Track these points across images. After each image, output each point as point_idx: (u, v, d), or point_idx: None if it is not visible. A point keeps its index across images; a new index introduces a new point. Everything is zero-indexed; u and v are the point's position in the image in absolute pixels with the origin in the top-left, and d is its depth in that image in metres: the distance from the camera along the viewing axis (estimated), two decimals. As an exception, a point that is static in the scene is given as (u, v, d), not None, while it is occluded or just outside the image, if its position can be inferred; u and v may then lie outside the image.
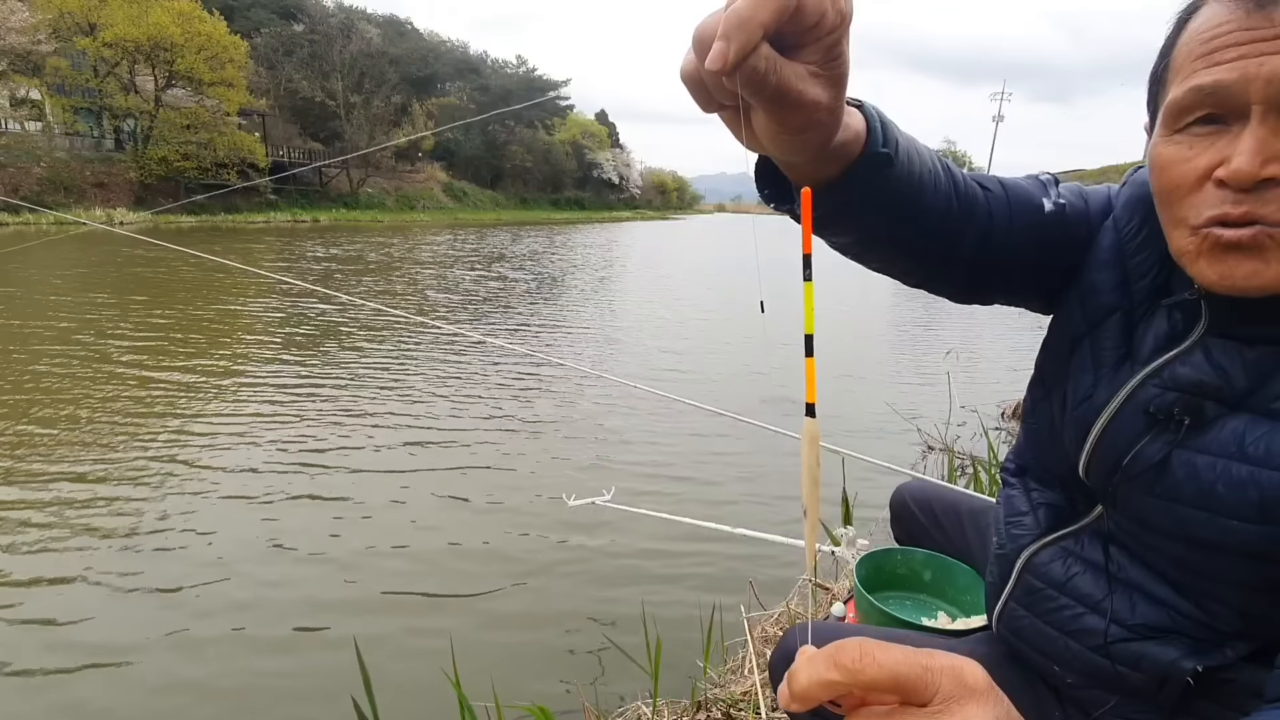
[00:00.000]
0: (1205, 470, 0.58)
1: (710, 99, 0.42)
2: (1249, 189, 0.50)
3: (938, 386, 5.12)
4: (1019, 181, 0.70)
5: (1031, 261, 0.70)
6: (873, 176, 0.54)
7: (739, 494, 3.35)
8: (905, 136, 0.57)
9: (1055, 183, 0.72)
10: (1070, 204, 0.70)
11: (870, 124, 0.53)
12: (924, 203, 0.60)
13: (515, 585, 2.51)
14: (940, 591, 1.22)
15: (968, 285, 0.71)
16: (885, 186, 0.55)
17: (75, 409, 4.18)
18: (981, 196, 0.66)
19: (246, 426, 4.03)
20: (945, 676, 0.33)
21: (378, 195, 38.23)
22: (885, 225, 0.60)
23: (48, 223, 19.46)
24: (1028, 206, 0.68)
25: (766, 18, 0.37)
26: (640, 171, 78.10)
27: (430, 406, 4.55)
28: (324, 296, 8.43)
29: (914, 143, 0.59)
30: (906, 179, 0.57)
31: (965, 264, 0.67)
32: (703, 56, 0.39)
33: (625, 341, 7.03)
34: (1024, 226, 0.68)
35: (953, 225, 0.64)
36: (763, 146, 0.48)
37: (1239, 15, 0.50)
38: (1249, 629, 0.61)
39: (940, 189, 0.62)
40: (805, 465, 0.37)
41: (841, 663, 0.32)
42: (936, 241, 0.64)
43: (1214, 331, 0.60)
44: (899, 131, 0.56)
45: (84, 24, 24.17)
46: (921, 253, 0.65)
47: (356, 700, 1.29)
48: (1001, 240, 0.67)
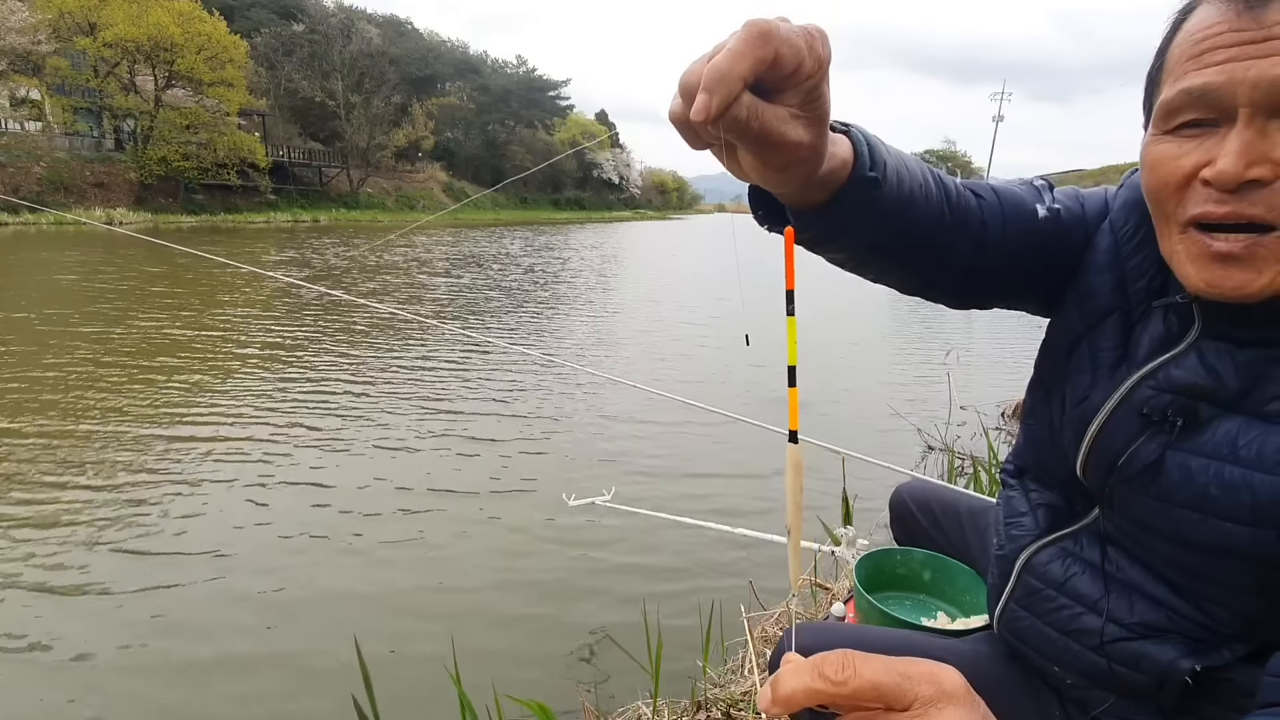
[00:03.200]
0: (1199, 472, 0.58)
1: (698, 139, 0.44)
2: (1233, 190, 0.51)
3: (938, 386, 5.12)
4: (1013, 188, 0.71)
5: (1027, 267, 0.71)
6: (861, 199, 0.55)
7: (739, 494, 3.35)
8: (894, 155, 0.58)
9: (1050, 188, 0.72)
10: (1066, 208, 0.71)
11: (857, 149, 0.53)
12: (915, 216, 0.61)
13: (516, 585, 2.51)
14: (940, 591, 1.22)
15: (964, 292, 0.72)
16: (874, 207, 0.56)
17: (68, 408, 4.18)
18: (975, 205, 0.67)
19: (245, 426, 4.03)
20: (923, 684, 0.34)
21: (378, 195, 38.26)
22: (877, 242, 0.61)
23: (48, 222, 19.48)
24: (1021, 213, 0.68)
25: (745, 71, 0.39)
26: (640, 171, 78.12)
27: (430, 406, 4.55)
28: (322, 295, 8.44)
29: (903, 159, 0.60)
30: (895, 198, 0.58)
31: (960, 272, 0.68)
32: (688, 104, 0.41)
33: (625, 341, 7.04)
34: (1018, 233, 0.68)
35: (946, 236, 0.64)
36: (751, 179, 0.50)
37: (1230, 17, 0.51)
38: (1247, 630, 0.61)
39: (932, 201, 0.62)
40: (789, 490, 0.40)
41: (825, 673, 0.34)
42: (929, 252, 0.65)
43: (1207, 334, 0.61)
44: (887, 151, 0.57)
45: (84, 24, 24.18)
46: (915, 264, 0.66)
47: (356, 699, 1.29)
48: (996, 247, 0.67)
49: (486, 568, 2.62)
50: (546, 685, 1.95)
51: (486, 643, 2.17)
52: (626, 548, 2.78)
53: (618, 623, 2.26)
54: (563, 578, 2.57)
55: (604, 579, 2.57)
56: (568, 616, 2.33)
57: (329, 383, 5.03)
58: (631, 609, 2.27)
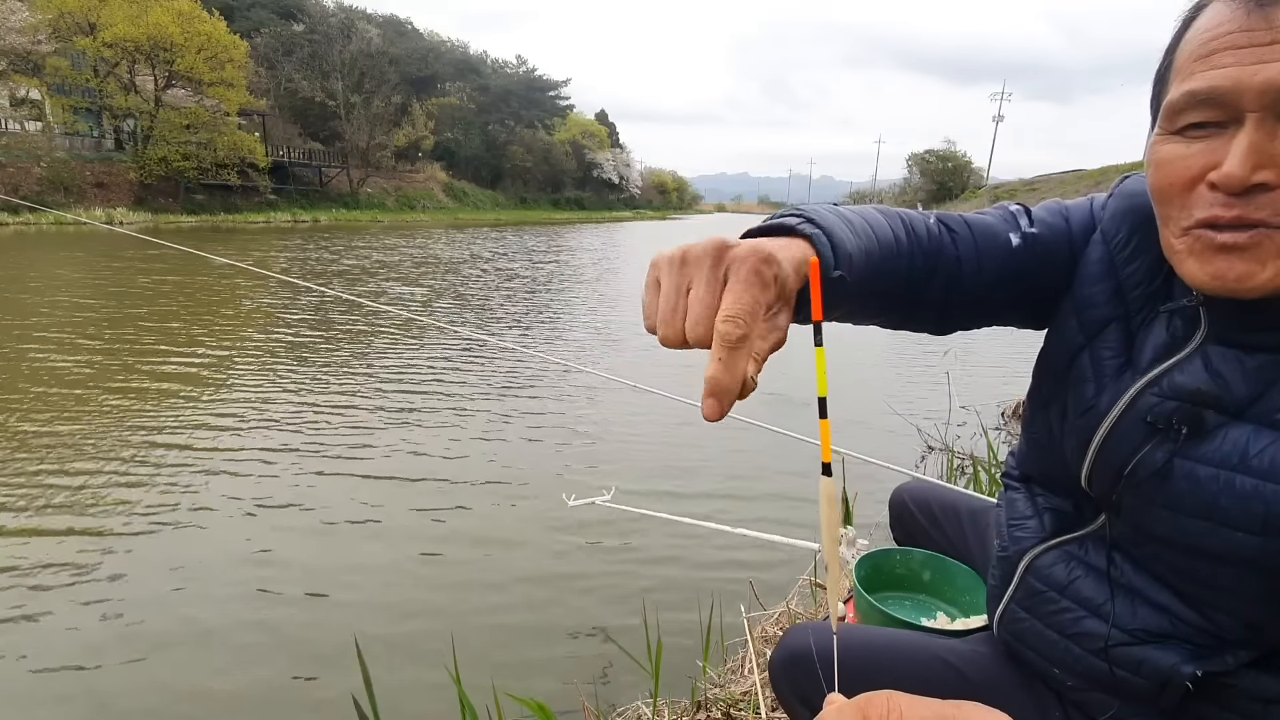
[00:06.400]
0: (1208, 481, 0.57)
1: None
2: (1240, 193, 0.51)
3: (938, 386, 5.12)
4: (986, 219, 0.70)
5: (1005, 294, 0.70)
6: (829, 297, 0.52)
7: (739, 494, 3.35)
8: (857, 228, 0.58)
9: (1026, 212, 0.72)
10: (1048, 226, 0.70)
11: (820, 251, 0.51)
12: (883, 273, 0.61)
13: (516, 584, 2.51)
14: (939, 592, 1.22)
15: (941, 323, 0.72)
16: (843, 295, 0.55)
17: (61, 407, 4.18)
18: (948, 241, 0.67)
19: (244, 424, 4.03)
20: None
21: (378, 195, 38.25)
22: (848, 308, 0.61)
23: (48, 223, 19.48)
24: (994, 245, 0.68)
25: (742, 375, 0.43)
26: (640, 171, 78.15)
27: (430, 406, 4.55)
28: (319, 294, 8.44)
29: (868, 225, 0.60)
30: (863, 279, 0.57)
31: (935, 306, 0.68)
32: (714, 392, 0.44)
33: (625, 341, 7.04)
34: (993, 263, 0.68)
35: (916, 277, 0.65)
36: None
37: (1239, 16, 0.50)
38: (1252, 636, 0.61)
39: (901, 255, 0.63)
40: (825, 524, 0.39)
41: (870, 716, 0.32)
42: (901, 298, 0.65)
43: (1214, 339, 0.60)
44: (848, 231, 0.55)
45: (84, 24, 24.19)
46: (888, 310, 0.67)
47: (357, 700, 1.29)
48: (971, 279, 0.67)
49: (486, 567, 2.62)
50: (546, 685, 1.95)
51: (486, 642, 2.17)
52: (626, 547, 2.78)
53: (617, 622, 2.26)
54: (563, 577, 2.56)
55: (604, 579, 2.57)
56: (568, 616, 2.32)
57: (325, 381, 5.03)
58: (631, 609, 2.27)
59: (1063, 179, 31.20)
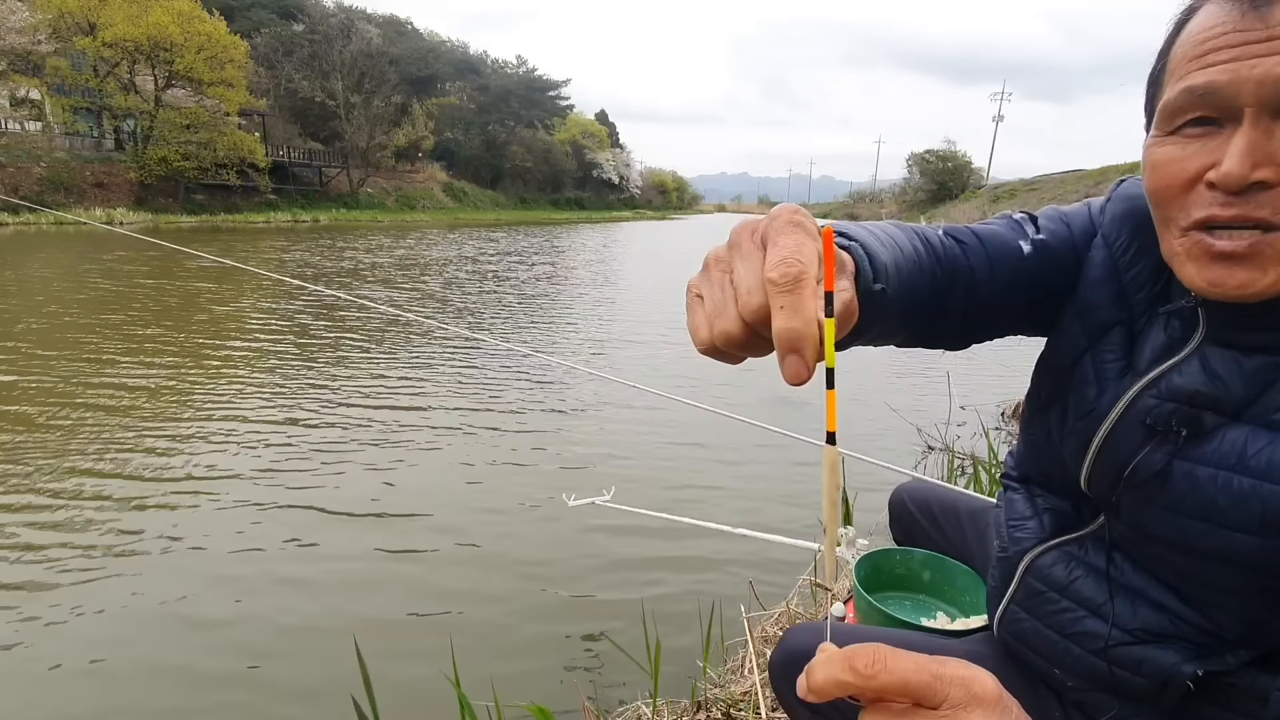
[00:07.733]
0: (1206, 482, 0.57)
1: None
2: (1239, 192, 0.50)
3: (938, 386, 5.12)
4: (994, 228, 0.70)
5: (1020, 301, 0.70)
6: (869, 312, 0.51)
7: (739, 494, 3.35)
8: (884, 240, 0.56)
9: (1032, 220, 0.72)
10: (1053, 233, 0.70)
11: (858, 263, 0.50)
12: (912, 286, 0.59)
13: (515, 585, 2.51)
14: (939, 592, 1.22)
15: (961, 337, 0.71)
16: (881, 312, 0.53)
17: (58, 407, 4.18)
18: (960, 253, 0.66)
19: (243, 426, 4.02)
20: (955, 686, 0.34)
21: (378, 195, 38.26)
22: (882, 328, 0.59)
23: (47, 222, 19.48)
24: (1006, 253, 0.68)
25: (813, 316, 0.37)
26: (640, 171, 78.19)
27: (430, 406, 4.55)
28: (318, 294, 8.44)
29: (894, 238, 0.58)
30: (898, 293, 0.56)
31: (954, 320, 0.67)
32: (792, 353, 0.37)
33: (625, 341, 7.04)
34: (1006, 272, 0.68)
35: (937, 292, 0.64)
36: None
37: (1234, 16, 0.50)
38: (1252, 636, 0.61)
39: (923, 266, 0.61)
40: (825, 490, 0.40)
41: (855, 666, 0.34)
42: (926, 314, 0.64)
43: (1212, 340, 0.60)
44: (879, 247, 0.54)
45: (84, 24, 24.19)
46: (913, 327, 0.65)
47: (357, 700, 1.29)
48: (986, 290, 0.67)
49: (486, 568, 2.62)
50: (546, 685, 1.95)
51: (486, 643, 2.17)
52: (626, 548, 2.78)
53: (617, 623, 2.25)
54: (562, 578, 2.56)
55: (604, 579, 2.57)
56: (567, 616, 2.32)
57: (325, 381, 5.02)
58: (631, 609, 2.27)
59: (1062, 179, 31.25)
